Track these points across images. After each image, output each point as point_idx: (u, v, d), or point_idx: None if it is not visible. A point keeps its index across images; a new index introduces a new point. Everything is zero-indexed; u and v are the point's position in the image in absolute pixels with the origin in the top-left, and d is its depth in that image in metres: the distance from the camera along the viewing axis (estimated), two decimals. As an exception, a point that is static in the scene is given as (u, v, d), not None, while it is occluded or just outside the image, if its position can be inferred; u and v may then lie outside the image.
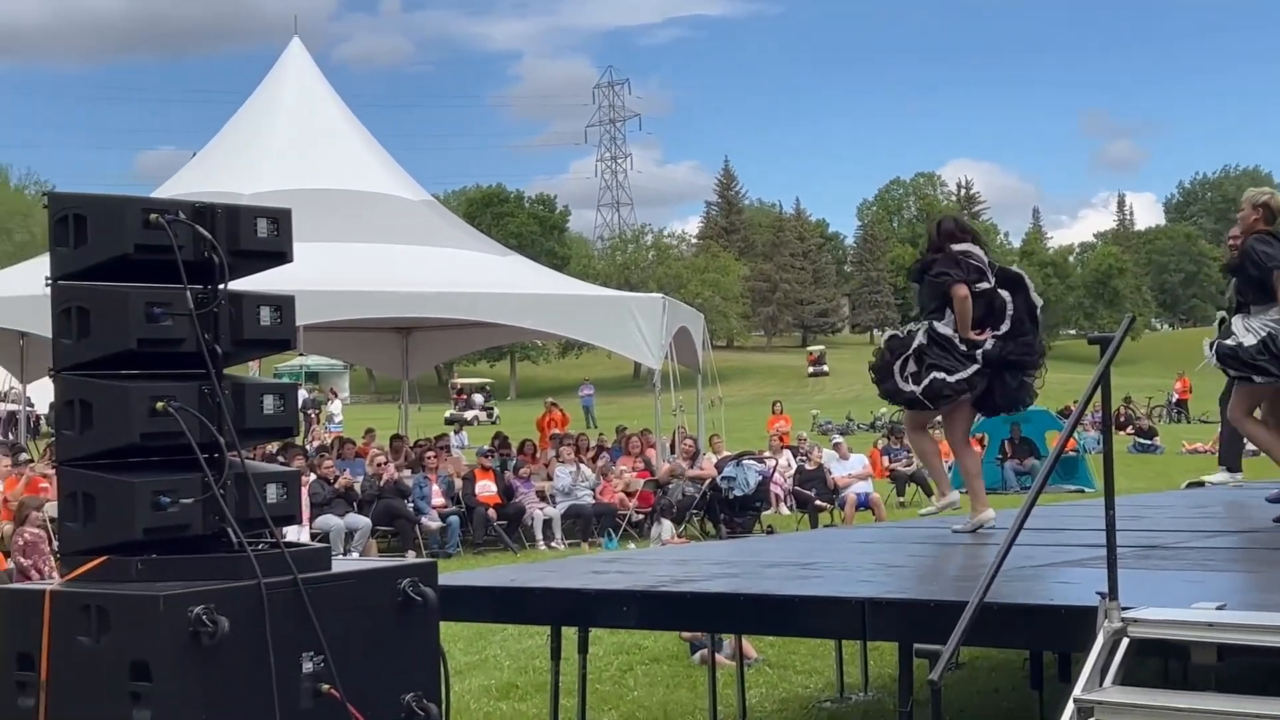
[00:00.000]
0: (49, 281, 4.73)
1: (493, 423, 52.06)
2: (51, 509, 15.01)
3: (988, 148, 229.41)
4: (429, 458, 19.52)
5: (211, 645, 4.23)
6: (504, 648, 10.54)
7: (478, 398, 65.31)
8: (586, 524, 18.97)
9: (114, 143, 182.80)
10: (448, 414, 52.34)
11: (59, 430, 4.78)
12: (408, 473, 19.19)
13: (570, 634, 6.85)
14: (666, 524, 15.73)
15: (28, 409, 27.29)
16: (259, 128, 21.23)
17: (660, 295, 20.35)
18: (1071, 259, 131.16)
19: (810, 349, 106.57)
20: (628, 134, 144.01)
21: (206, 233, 4.69)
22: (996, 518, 8.23)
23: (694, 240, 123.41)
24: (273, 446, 17.29)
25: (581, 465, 19.59)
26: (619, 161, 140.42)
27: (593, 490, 19.36)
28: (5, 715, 4.52)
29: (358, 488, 17.99)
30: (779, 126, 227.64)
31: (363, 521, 17.29)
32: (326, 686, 4.48)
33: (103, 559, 4.54)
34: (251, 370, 21.42)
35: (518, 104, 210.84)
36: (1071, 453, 24.14)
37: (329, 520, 16.84)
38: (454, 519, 18.24)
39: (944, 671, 4.53)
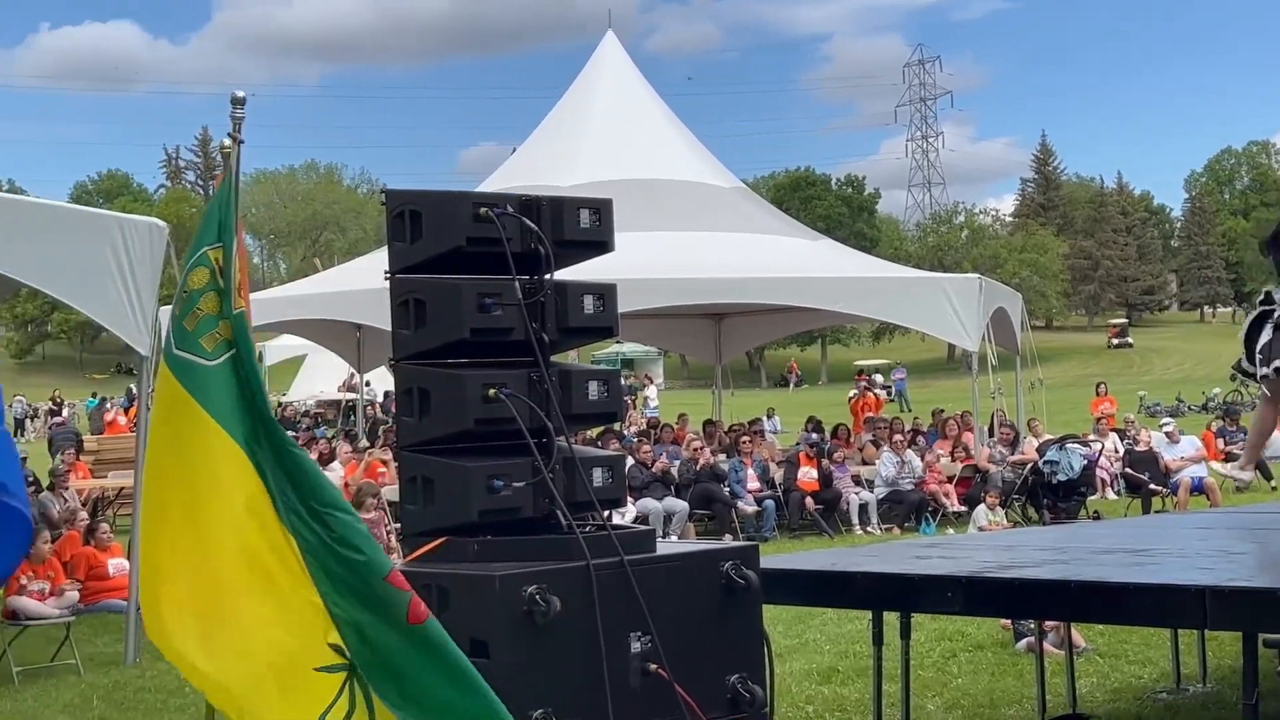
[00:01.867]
0: (388, 275, 4.93)
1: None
2: (388, 493, 15.78)
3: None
4: (743, 442, 19.63)
5: (544, 624, 4.36)
6: (823, 631, 10.52)
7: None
8: (906, 510, 18.74)
9: (438, 140, 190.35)
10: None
11: (399, 417, 5.00)
12: (722, 457, 19.35)
13: (891, 619, 6.77)
14: (983, 509, 15.41)
15: (365, 398, 28.70)
16: (576, 121, 21.75)
17: (976, 275, 19.89)
18: None
19: (1112, 321, 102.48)
20: (939, 112, 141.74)
21: (533, 225, 4.83)
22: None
23: (1009, 219, 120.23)
24: (593, 432, 17.70)
25: (907, 455, 19.28)
26: (930, 140, 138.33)
27: (916, 480, 19.07)
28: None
29: (674, 472, 18.24)
30: (1098, 99, 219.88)
31: (680, 505, 17.52)
32: (654, 666, 4.56)
33: (442, 540, 4.74)
34: (570, 359, 21.97)
35: (826, 86, 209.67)
36: None
37: (648, 504, 17.13)
38: (769, 503, 18.30)
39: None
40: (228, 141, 4.73)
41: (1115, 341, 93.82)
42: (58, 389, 52.26)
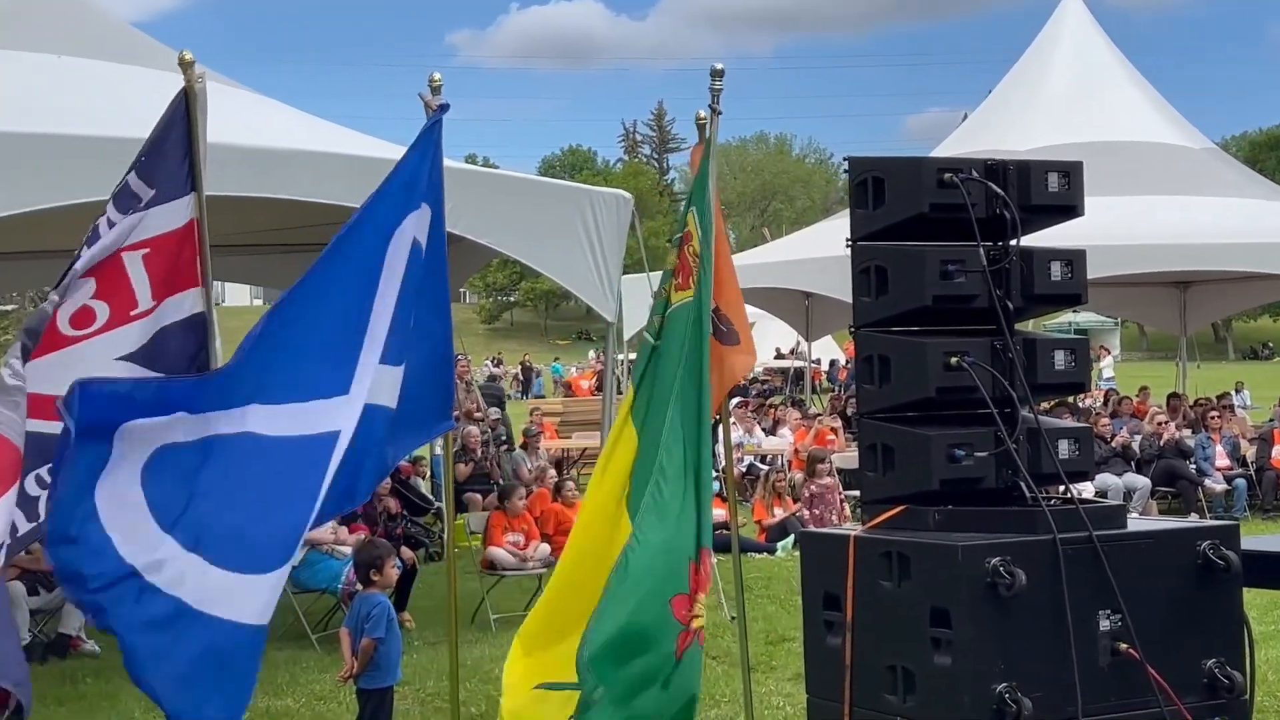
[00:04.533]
0: (849, 242, 4.94)
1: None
2: (838, 460, 15.87)
3: None
4: (1211, 417, 18.56)
5: (1008, 597, 4.28)
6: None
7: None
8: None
9: (885, 108, 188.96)
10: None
11: (859, 384, 5.01)
12: (1188, 432, 18.37)
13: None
14: None
15: (812, 365, 28.95)
16: (1033, 83, 21.09)
17: None
18: None
19: None
20: None
21: (998, 189, 4.73)
22: None
23: None
24: (1047, 404, 17.16)
25: None
26: None
27: None
28: (815, 652, 4.84)
29: (1135, 446, 17.48)
30: None
31: (1142, 481, 16.77)
32: (1124, 646, 4.40)
33: (901, 508, 4.72)
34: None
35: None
36: None
37: (1107, 479, 16.48)
38: (1240, 482, 17.25)
39: None
40: (703, 113, 4.85)
41: None
42: (527, 354, 55.28)
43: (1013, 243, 4.78)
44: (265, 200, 8.53)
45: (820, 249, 18.89)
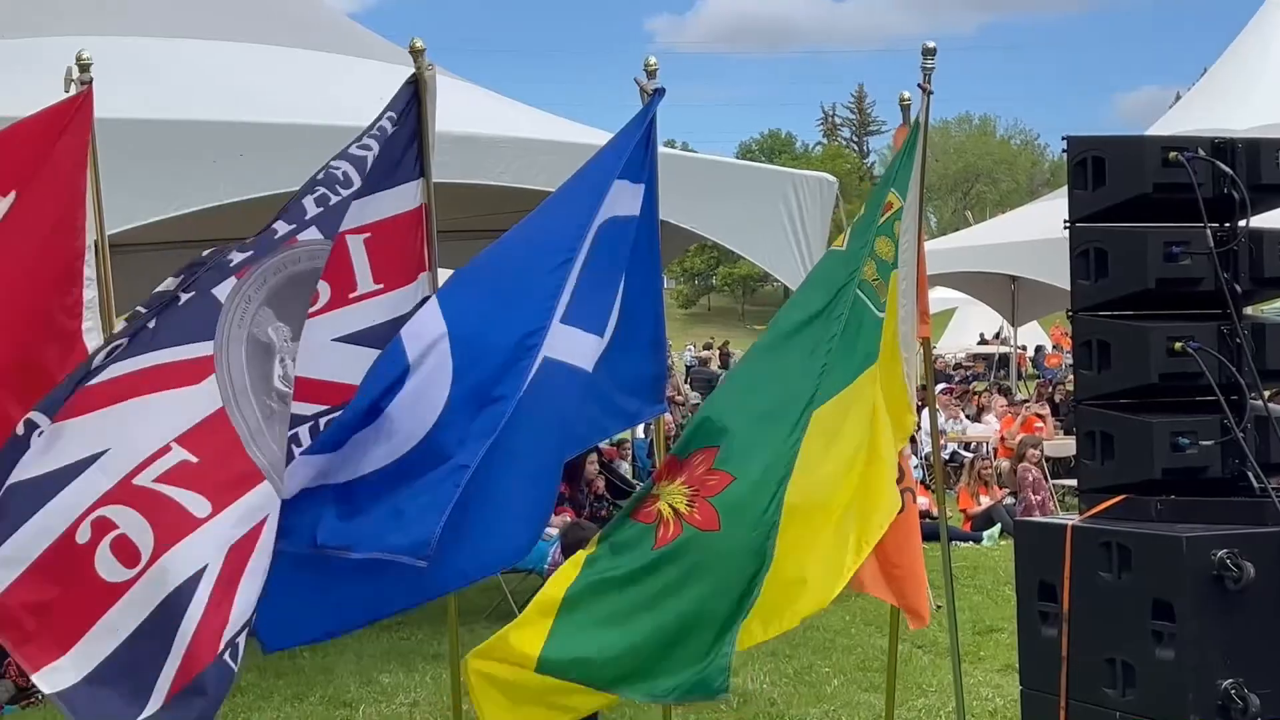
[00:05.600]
0: (1067, 224, 4.82)
1: None
2: (1047, 448, 15.54)
3: None
4: None
5: (1235, 590, 4.14)
6: None
7: None
8: None
9: (1094, 87, 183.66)
10: None
11: (1077, 370, 4.89)
12: None
13: None
14: None
15: (1018, 350, 28.37)
16: (1253, 58, 20.30)
17: None
18: None
19: None
20: None
21: (1226, 168, 4.56)
22: None
23: None
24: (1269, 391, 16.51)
25: None
26: None
27: None
28: (1029, 642, 4.74)
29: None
30: None
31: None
32: (1360, 645, 4.21)
33: (1121, 497, 4.60)
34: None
35: None
36: None
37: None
38: None
39: None
40: (906, 94, 4.78)
41: None
42: (727, 340, 55.40)
43: (1241, 224, 4.61)
44: (472, 187, 8.68)
45: (1028, 231, 18.52)
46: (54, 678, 4.02)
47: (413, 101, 5.08)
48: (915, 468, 13.93)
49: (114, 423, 4.16)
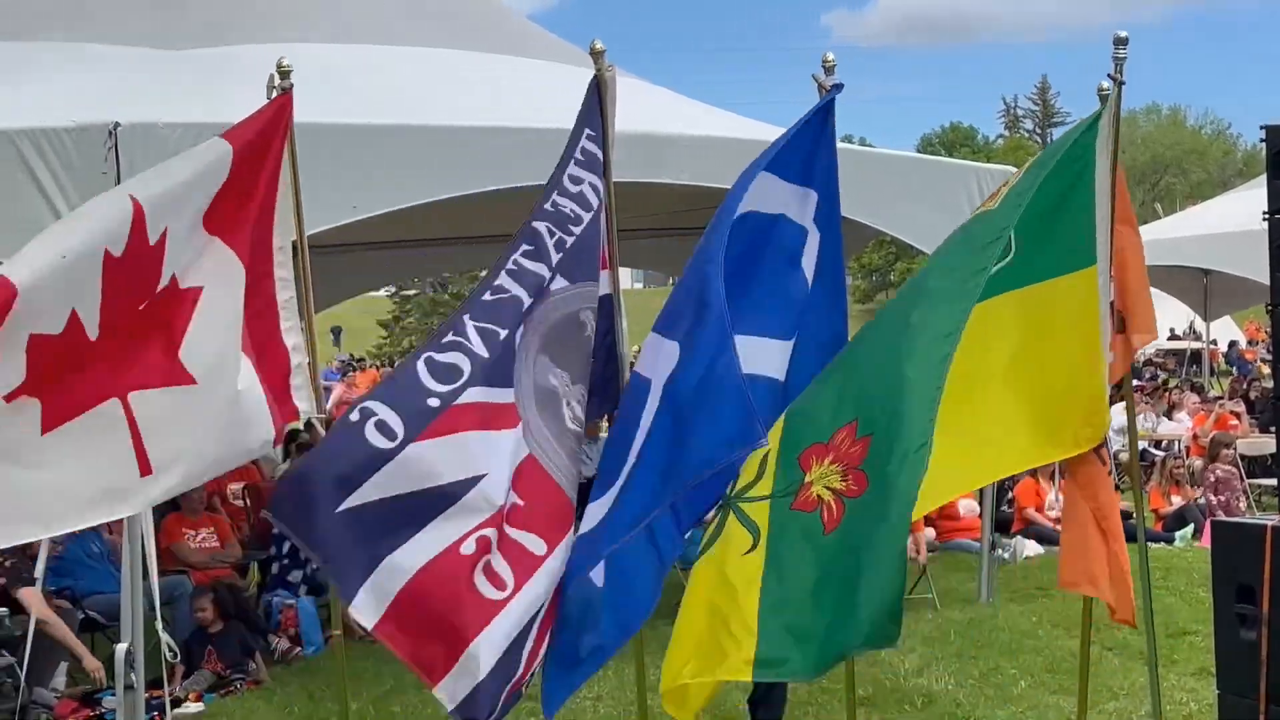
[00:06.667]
0: (1266, 215, 4.68)
1: None
2: (1242, 445, 15.04)
3: None
4: None
5: None
6: None
7: None
8: None
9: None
10: None
11: (1275, 366, 4.75)
12: None
13: None
14: None
15: (1210, 345, 27.50)
16: None
17: None
18: None
19: None
20: None
21: None
22: None
23: None
24: None
25: None
26: None
27: None
28: (1226, 646, 4.61)
29: None
30: None
31: None
32: None
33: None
34: None
35: None
36: None
37: None
38: None
39: None
40: (1106, 83, 4.68)
41: None
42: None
43: None
44: (648, 185, 8.72)
45: (1221, 223, 17.99)
46: (453, 688, 4.37)
47: (593, 101, 5.14)
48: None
49: (486, 448, 4.49)
